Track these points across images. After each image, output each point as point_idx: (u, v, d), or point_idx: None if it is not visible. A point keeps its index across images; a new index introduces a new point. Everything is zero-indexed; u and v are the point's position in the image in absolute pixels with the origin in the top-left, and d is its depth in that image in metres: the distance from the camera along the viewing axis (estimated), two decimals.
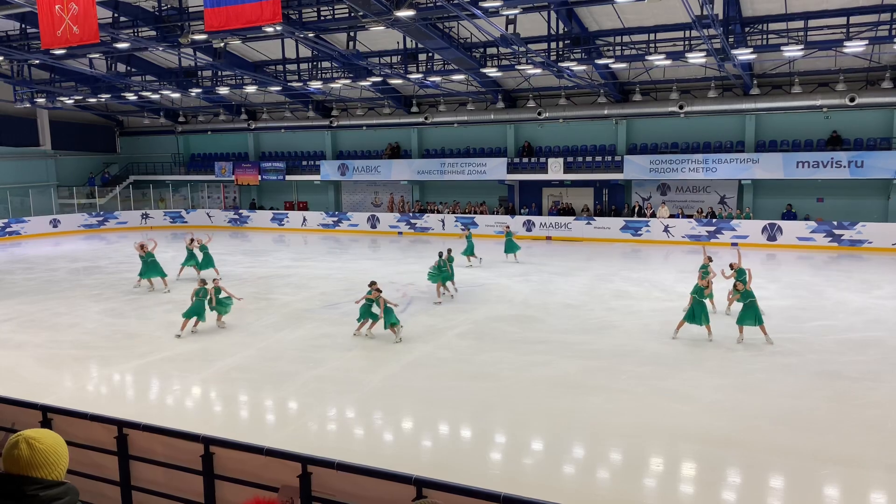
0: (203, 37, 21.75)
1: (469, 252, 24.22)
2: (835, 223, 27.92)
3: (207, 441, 5.06)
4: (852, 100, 26.73)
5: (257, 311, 16.26)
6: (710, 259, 16.73)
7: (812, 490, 7.21)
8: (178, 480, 5.19)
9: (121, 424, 5.45)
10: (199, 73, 31.65)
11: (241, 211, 41.09)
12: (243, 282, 20.58)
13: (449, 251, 18.39)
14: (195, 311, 14.06)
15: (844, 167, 27.59)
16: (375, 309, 13.55)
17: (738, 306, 13.54)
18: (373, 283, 13.86)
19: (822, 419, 9.15)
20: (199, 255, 21.19)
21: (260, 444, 5.10)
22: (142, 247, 19.75)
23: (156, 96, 34.74)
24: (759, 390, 10.34)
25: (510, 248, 25.12)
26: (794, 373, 11.18)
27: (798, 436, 8.59)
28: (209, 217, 41.33)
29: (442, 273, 17.59)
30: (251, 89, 32.18)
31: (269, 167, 40.27)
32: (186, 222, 41.16)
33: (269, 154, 42.39)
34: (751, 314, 12.77)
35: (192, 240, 21.71)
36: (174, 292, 18.96)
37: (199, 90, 32.42)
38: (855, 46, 21.69)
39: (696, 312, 13.15)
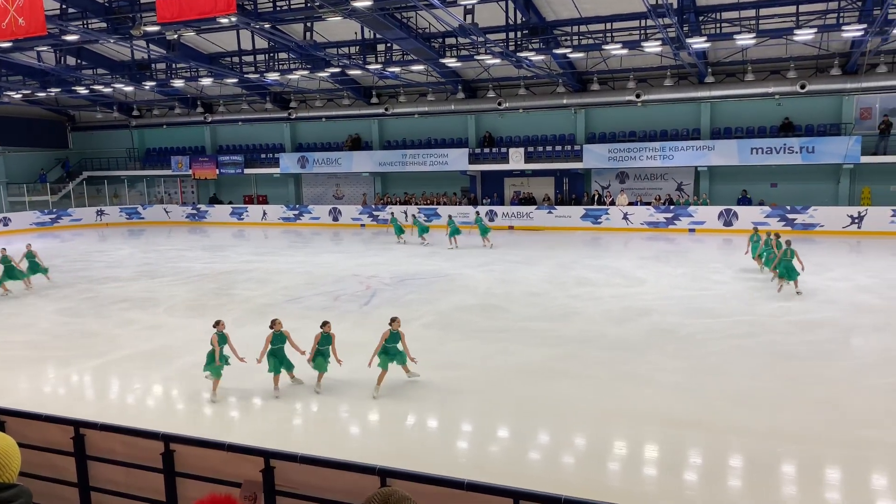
0: (156, 28, 21.29)
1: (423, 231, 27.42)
2: (788, 207, 28.63)
3: (167, 438, 4.98)
4: (803, 87, 27.37)
5: (219, 307, 16.03)
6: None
7: (769, 467, 7.41)
8: (138, 479, 5.11)
9: (77, 424, 5.33)
10: (153, 65, 30.99)
11: (199, 206, 40.42)
12: (203, 278, 20.28)
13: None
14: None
15: (796, 153, 28.27)
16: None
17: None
18: (394, 319, 10.44)
19: (777, 398, 9.39)
20: (25, 265, 19.15)
21: (222, 440, 5.04)
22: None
23: (108, 90, 33.96)
24: (717, 372, 10.58)
25: (483, 231, 26.45)
26: (750, 354, 11.45)
27: (755, 415, 8.81)
28: (166, 213, 40.62)
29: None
30: (207, 82, 31.65)
31: (226, 161, 39.66)
32: (143, 218, 40.40)
33: (227, 147, 41.75)
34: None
35: (3, 249, 19.37)
36: (129, 290, 18.56)
37: (153, 83, 31.75)
38: (804, 34, 22.19)
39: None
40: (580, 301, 15.95)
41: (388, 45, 26.87)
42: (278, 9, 22.13)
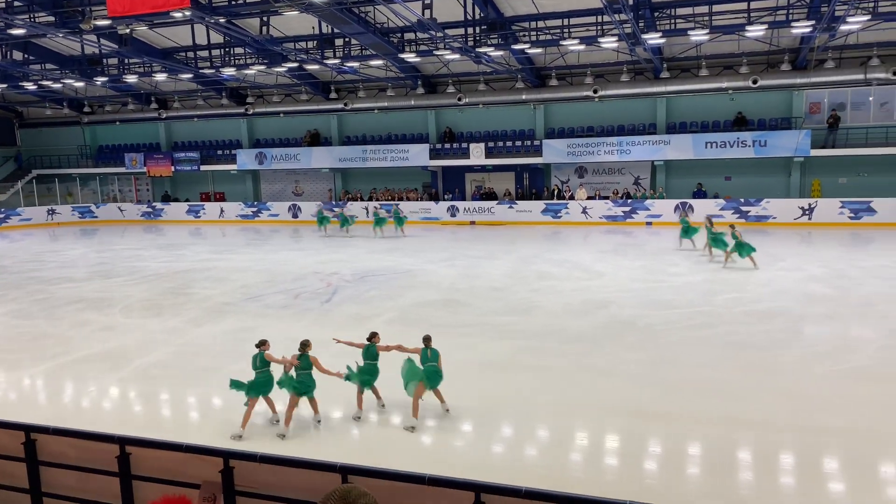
0: (106, 22, 20.76)
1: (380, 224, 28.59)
2: (742, 200, 29.28)
3: (123, 441, 4.87)
4: (755, 82, 27.98)
5: (176, 307, 15.74)
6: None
7: (728, 454, 7.56)
8: (93, 483, 4.98)
9: (28, 429, 5.17)
10: (105, 60, 30.23)
11: (154, 204, 39.61)
12: (159, 277, 19.88)
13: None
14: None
15: (749, 147, 28.92)
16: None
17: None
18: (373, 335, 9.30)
19: (735, 387, 9.59)
20: None
21: (181, 441, 4.95)
22: None
23: (58, 86, 33.03)
24: (676, 362, 10.76)
25: (398, 222, 28.80)
26: (708, 344, 11.68)
27: (714, 404, 8.99)
28: (121, 211, 39.74)
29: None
30: (161, 77, 31.00)
31: (182, 157, 38.93)
32: (97, 217, 39.44)
33: (183, 144, 40.98)
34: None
35: None
36: (83, 290, 18.10)
37: (105, 79, 31.00)
38: (756, 31, 22.71)
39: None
40: (541, 295, 16.06)
41: (347, 39, 26.67)
42: (233, 3, 21.77)
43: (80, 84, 32.84)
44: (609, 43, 24.21)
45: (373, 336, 9.15)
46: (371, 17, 24.42)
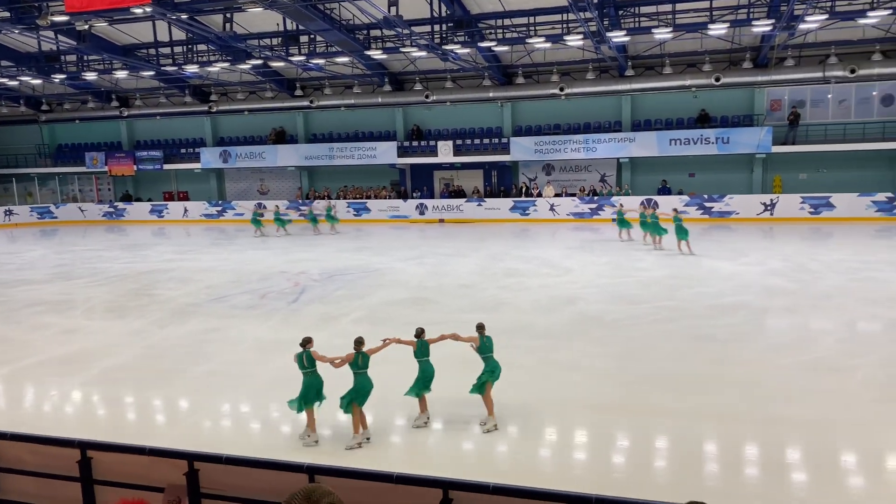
0: (64, 18, 20.31)
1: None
2: (705, 196, 29.75)
3: (84, 445, 4.76)
4: (717, 79, 28.44)
5: (140, 308, 15.46)
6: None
7: (693, 446, 7.67)
8: (53, 489, 4.86)
9: None
10: (63, 57, 29.57)
11: (116, 204, 38.86)
12: (122, 278, 19.52)
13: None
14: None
15: (712, 143, 29.39)
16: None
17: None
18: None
19: (699, 380, 9.74)
20: None
21: (145, 444, 4.86)
22: None
23: (14, 83, 32.18)
24: (641, 356, 10.89)
25: (331, 220, 29.19)
26: (672, 338, 11.84)
27: (679, 397, 9.11)
28: (81, 211, 38.91)
29: None
30: (122, 74, 30.42)
31: (144, 156, 38.27)
32: (56, 218, 38.56)
33: (145, 142, 40.28)
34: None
35: None
36: (43, 293, 17.68)
37: (64, 76, 30.32)
38: (718, 29, 23.08)
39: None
40: (510, 292, 16.12)
41: (312, 36, 26.46)
42: None
43: (37, 81, 32.09)
44: (575, 41, 24.40)
45: (421, 332, 8.67)
46: (336, 14, 24.27)
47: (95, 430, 8.50)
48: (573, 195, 32.05)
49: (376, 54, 26.79)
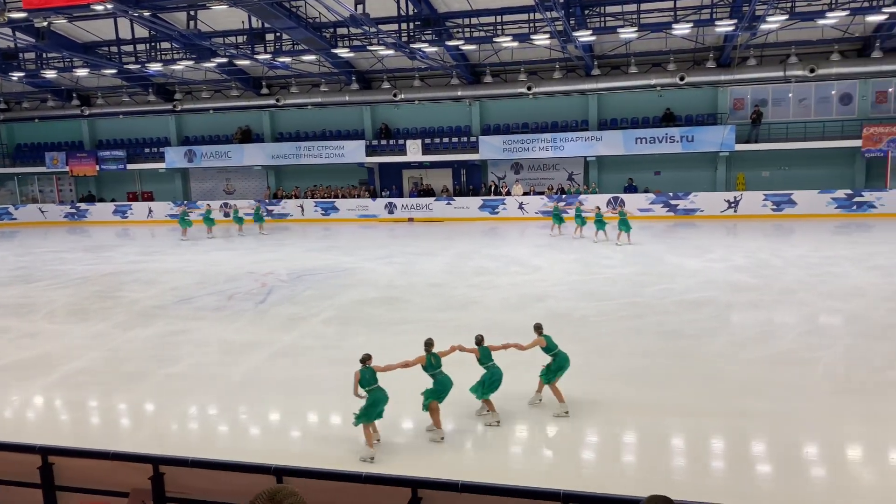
0: (22, 15, 19.80)
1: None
2: (671, 194, 30.15)
3: (45, 451, 4.65)
4: (682, 79, 28.83)
5: (103, 311, 15.18)
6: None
7: (661, 440, 7.78)
8: (13, 496, 4.74)
9: None
10: (21, 55, 28.86)
11: (78, 204, 38.06)
12: (85, 280, 19.13)
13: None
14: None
15: (677, 142, 29.80)
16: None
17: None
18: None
19: (666, 375, 9.88)
20: None
21: (108, 449, 4.77)
22: None
23: None
24: (610, 352, 11.01)
25: (257, 219, 29.17)
26: (640, 334, 11.98)
27: (647, 392, 9.23)
28: (42, 212, 38.01)
29: None
30: (83, 72, 29.79)
31: (107, 156, 37.55)
32: (16, 219, 37.65)
33: (108, 142, 39.51)
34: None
35: None
36: (2, 296, 17.24)
37: (22, 74, 29.59)
38: (682, 29, 23.40)
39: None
40: (479, 290, 16.17)
41: (278, 34, 26.21)
42: None
43: None
44: (542, 40, 24.54)
45: (481, 339, 8.72)
46: (303, 12, 24.07)
47: (58, 436, 8.33)
48: (541, 193, 32.24)
49: (343, 52, 26.64)
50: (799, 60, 27.78)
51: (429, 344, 8.33)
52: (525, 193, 32.34)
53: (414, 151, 33.09)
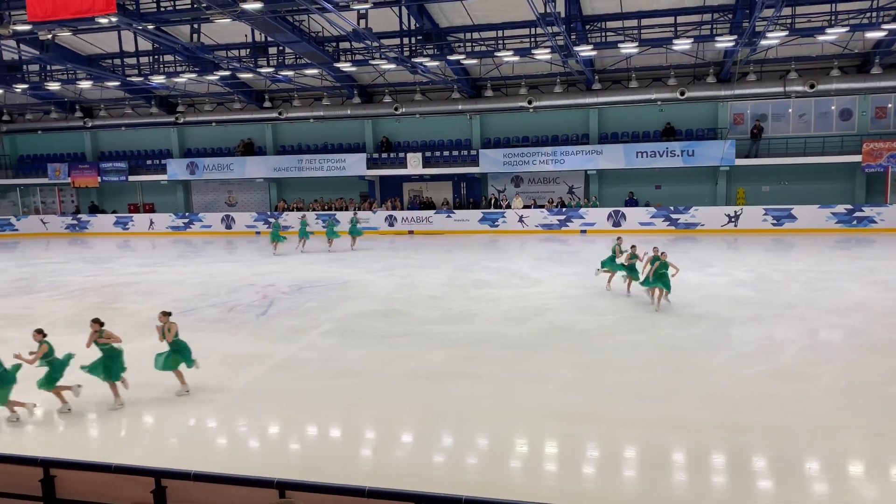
0: (27, 27, 19.95)
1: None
2: (671, 208, 30.21)
3: (46, 463, 4.65)
4: (682, 93, 28.98)
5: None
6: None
7: (660, 455, 7.76)
8: None
9: None
10: (25, 67, 29.01)
11: (79, 216, 38.13)
12: (86, 292, 19.14)
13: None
14: None
15: (678, 156, 29.90)
16: None
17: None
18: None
19: (666, 389, 9.86)
20: None
21: (110, 462, 4.77)
22: None
23: None
24: (610, 366, 10.99)
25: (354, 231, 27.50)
26: (640, 348, 11.97)
27: (647, 406, 9.21)
28: (44, 223, 38.07)
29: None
30: (86, 84, 29.94)
31: (109, 168, 37.67)
32: (17, 230, 37.68)
33: (110, 154, 39.66)
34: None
35: None
36: (3, 307, 17.24)
37: (26, 86, 29.74)
38: (682, 44, 23.53)
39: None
40: (479, 303, 16.17)
41: (281, 48, 26.37)
42: (163, 9, 21.25)
43: None
44: (542, 55, 24.67)
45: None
46: (306, 26, 24.23)
47: (58, 449, 8.31)
48: (542, 207, 32.31)
49: (346, 66, 26.79)
50: (799, 76, 27.92)
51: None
52: (525, 207, 32.41)
53: (414, 164, 33.21)
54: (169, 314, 10.47)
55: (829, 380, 10.18)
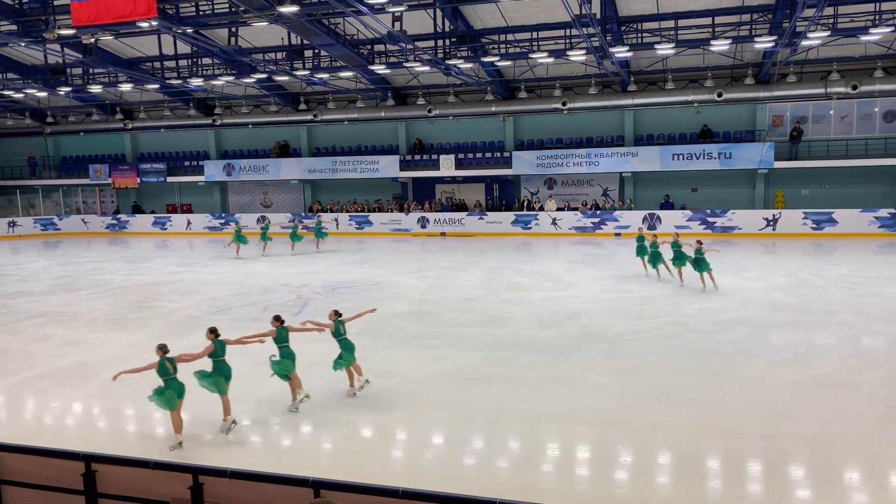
0: (71, 32, 20.48)
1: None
2: (708, 211, 29.76)
3: (88, 458, 4.76)
4: (720, 95, 28.55)
5: (141, 321, 15.47)
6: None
7: (695, 461, 7.65)
8: (58, 502, 4.86)
9: None
10: (69, 70, 29.75)
11: (119, 216, 38.94)
12: (125, 290, 19.54)
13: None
14: None
15: (715, 159, 29.46)
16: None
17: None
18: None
19: (701, 395, 9.71)
20: None
21: (148, 458, 4.86)
22: None
23: (19, 95, 32.39)
24: (644, 371, 10.86)
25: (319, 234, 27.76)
26: (675, 353, 11.81)
27: (681, 411, 9.08)
28: (84, 223, 39.01)
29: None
30: (126, 87, 30.60)
31: (148, 169, 38.42)
32: (60, 229, 38.65)
33: (149, 155, 40.45)
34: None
35: None
36: (45, 304, 17.69)
37: (69, 89, 30.50)
38: (720, 45, 23.17)
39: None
40: (512, 305, 16.12)
41: (316, 51, 26.62)
42: (202, 13, 21.61)
43: (42, 94, 32.28)
44: (577, 56, 24.52)
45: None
46: (341, 29, 24.43)
47: (97, 443, 8.49)
48: (575, 209, 32.08)
49: (380, 69, 26.95)
50: (841, 77, 27.31)
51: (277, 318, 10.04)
52: (559, 209, 32.22)
53: (447, 166, 33.25)
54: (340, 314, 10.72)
55: (871, 388, 9.92)
